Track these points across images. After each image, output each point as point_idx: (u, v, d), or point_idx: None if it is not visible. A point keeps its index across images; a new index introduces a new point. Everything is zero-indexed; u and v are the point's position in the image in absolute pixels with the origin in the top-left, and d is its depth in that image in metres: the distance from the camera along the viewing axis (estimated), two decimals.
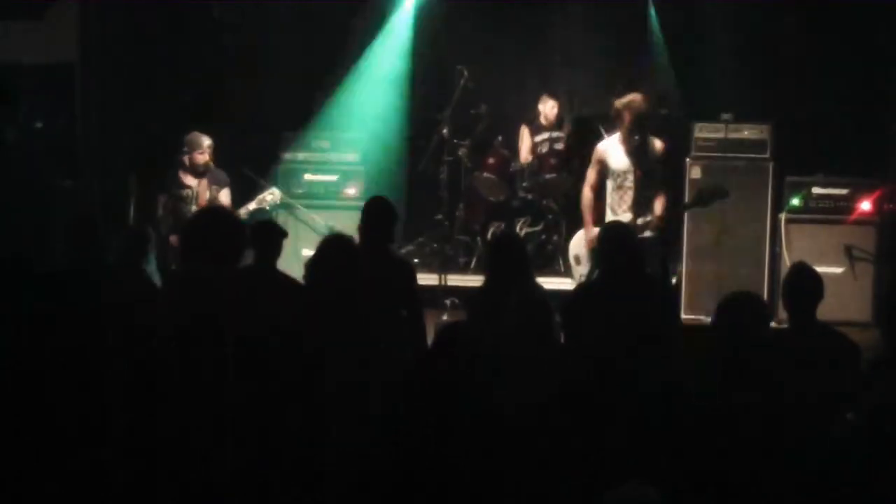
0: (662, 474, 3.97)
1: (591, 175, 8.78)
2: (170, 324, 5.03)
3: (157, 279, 7.20)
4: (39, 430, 4.25)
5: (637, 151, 8.57)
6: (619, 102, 8.66)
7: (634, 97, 8.63)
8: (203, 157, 9.26)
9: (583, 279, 8.38)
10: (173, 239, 8.83)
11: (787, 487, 4.41)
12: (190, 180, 9.29)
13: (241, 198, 9.60)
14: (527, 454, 4.46)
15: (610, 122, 10.29)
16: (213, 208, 8.27)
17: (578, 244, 8.89)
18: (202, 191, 9.23)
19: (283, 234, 7.08)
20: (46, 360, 4.45)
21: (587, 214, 8.77)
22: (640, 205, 8.56)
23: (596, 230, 8.16)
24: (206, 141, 9.29)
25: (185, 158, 9.29)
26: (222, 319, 5.17)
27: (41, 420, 4.28)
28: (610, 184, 8.67)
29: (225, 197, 9.33)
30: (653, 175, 8.63)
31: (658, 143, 8.71)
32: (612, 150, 8.64)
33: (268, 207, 9.61)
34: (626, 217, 8.40)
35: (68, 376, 4.41)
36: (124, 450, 4.27)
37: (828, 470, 4.44)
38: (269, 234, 6.92)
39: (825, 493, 4.40)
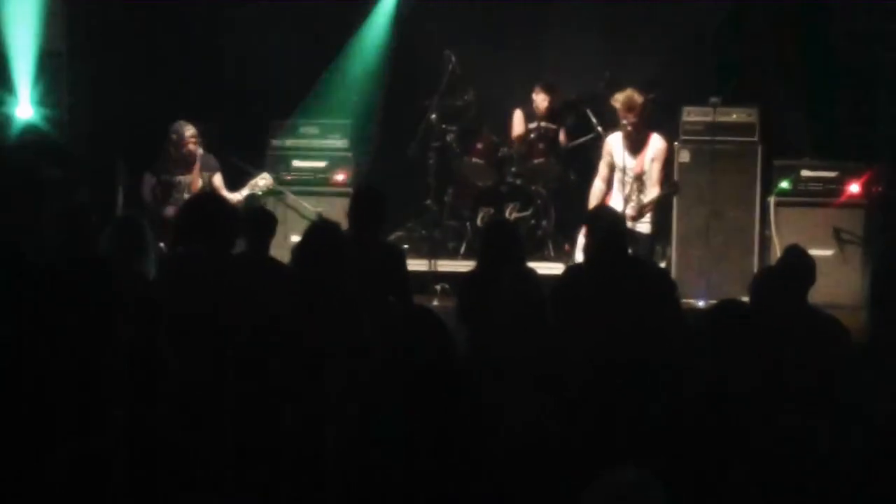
0: (657, 462, 3.97)
1: (602, 168, 8.94)
2: (166, 311, 5.03)
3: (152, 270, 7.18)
4: (34, 426, 4.24)
5: (635, 148, 8.70)
6: (615, 99, 8.73)
7: (630, 94, 8.70)
8: (191, 147, 9.25)
9: None
10: (170, 211, 8.87)
11: (772, 477, 4.41)
12: (180, 168, 9.27)
13: (230, 185, 9.61)
14: (524, 449, 4.46)
15: (599, 108, 10.37)
16: (208, 194, 8.31)
17: None
18: (195, 178, 9.22)
19: (275, 220, 7.09)
20: (41, 354, 4.44)
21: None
22: (640, 200, 8.70)
23: None
24: (190, 130, 9.27)
25: (173, 149, 9.27)
26: (217, 306, 5.17)
27: (35, 415, 4.27)
28: (616, 177, 8.81)
29: (218, 181, 9.33)
30: (652, 172, 8.75)
31: (659, 141, 8.81)
32: (617, 145, 8.74)
33: (260, 193, 9.63)
34: (628, 211, 8.53)
35: (63, 369, 4.39)
36: (121, 443, 4.27)
37: (818, 461, 4.44)
38: (262, 220, 6.92)
39: (817, 488, 4.40)
